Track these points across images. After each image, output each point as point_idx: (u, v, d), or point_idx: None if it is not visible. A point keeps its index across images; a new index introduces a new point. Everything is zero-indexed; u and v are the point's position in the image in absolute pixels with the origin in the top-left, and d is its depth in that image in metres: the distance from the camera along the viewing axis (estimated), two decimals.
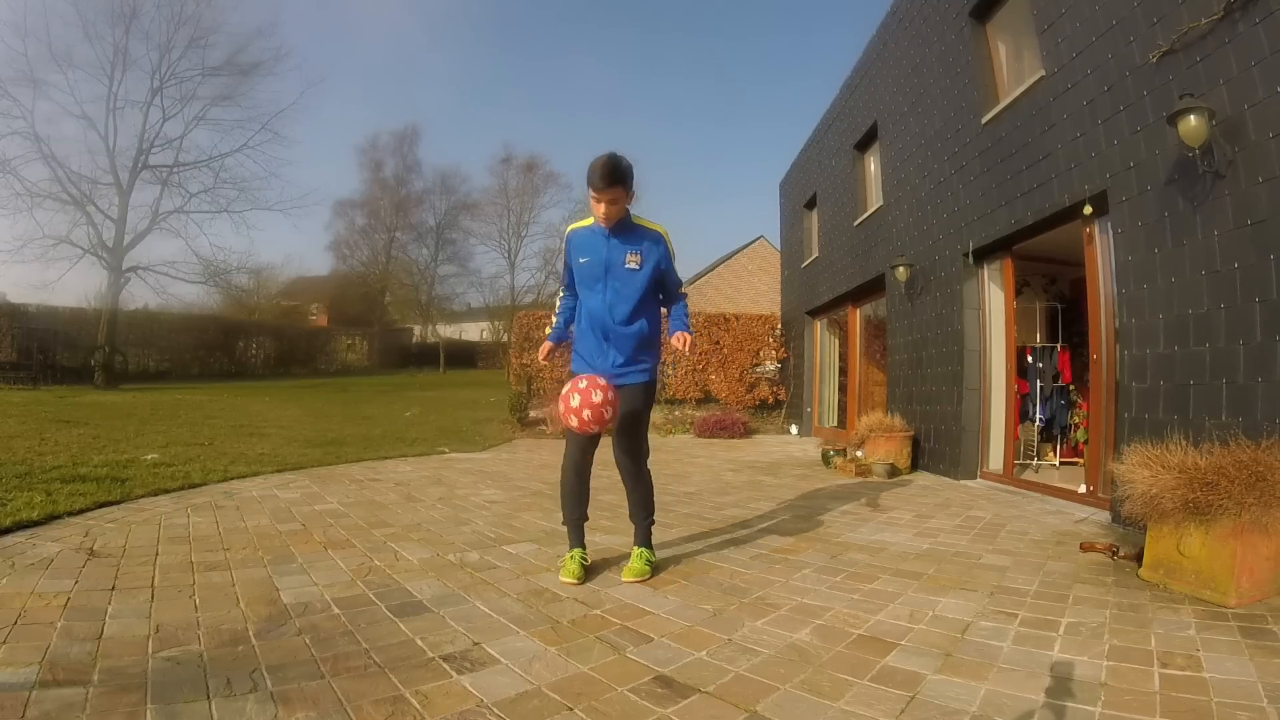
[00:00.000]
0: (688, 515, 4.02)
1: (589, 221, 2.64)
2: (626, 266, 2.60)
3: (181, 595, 2.21)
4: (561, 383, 11.79)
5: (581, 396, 2.40)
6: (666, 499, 4.61)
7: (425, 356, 31.96)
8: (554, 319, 2.84)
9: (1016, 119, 5.21)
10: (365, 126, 78.27)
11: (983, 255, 5.81)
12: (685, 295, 2.89)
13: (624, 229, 2.60)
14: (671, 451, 7.97)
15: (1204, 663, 1.86)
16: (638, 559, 2.70)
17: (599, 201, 2.48)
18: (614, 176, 2.43)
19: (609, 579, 2.66)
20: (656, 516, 2.90)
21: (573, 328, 2.80)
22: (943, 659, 1.90)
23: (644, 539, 2.78)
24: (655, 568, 2.74)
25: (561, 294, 2.85)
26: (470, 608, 2.25)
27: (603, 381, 2.46)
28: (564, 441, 2.79)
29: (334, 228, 40.70)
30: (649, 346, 2.74)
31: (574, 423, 2.42)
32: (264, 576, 2.47)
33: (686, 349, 2.61)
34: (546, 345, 2.76)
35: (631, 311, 2.65)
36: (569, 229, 2.71)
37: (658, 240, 2.68)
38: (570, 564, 2.62)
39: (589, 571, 2.67)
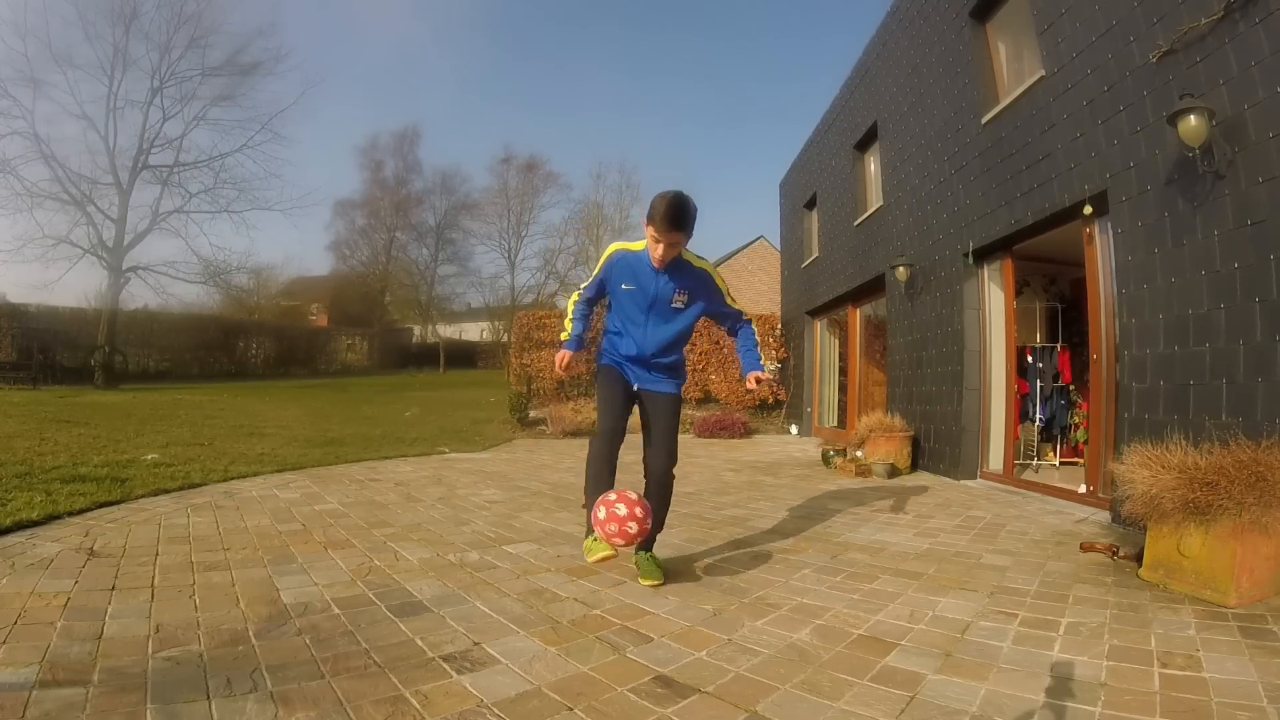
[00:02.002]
0: (688, 515, 4.02)
1: (638, 247, 2.55)
2: (673, 305, 2.57)
3: (181, 595, 2.21)
4: (563, 386, 11.65)
5: (622, 518, 2.23)
6: None
7: (425, 356, 31.95)
8: (568, 324, 2.69)
9: (1016, 119, 5.21)
10: (365, 127, 78.22)
11: (983, 255, 5.81)
12: (750, 320, 2.85)
13: (675, 266, 2.53)
14: None
15: (1204, 663, 1.86)
16: (651, 563, 2.62)
17: (659, 243, 2.39)
18: (680, 222, 2.34)
19: (608, 579, 2.66)
20: None
21: (603, 321, 2.77)
22: (943, 659, 1.90)
23: (650, 544, 2.73)
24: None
25: (577, 299, 2.72)
26: (470, 608, 2.25)
27: (638, 512, 2.27)
28: (563, 442, 2.78)
29: (334, 228, 40.84)
30: (679, 373, 2.78)
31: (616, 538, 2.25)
32: (264, 576, 2.47)
33: (761, 389, 2.59)
34: (565, 354, 2.62)
35: (668, 346, 2.64)
36: (615, 248, 2.60)
37: (706, 280, 2.63)
38: (596, 544, 2.44)
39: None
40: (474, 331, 37.77)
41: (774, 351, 12.78)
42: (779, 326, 12.97)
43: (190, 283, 20.65)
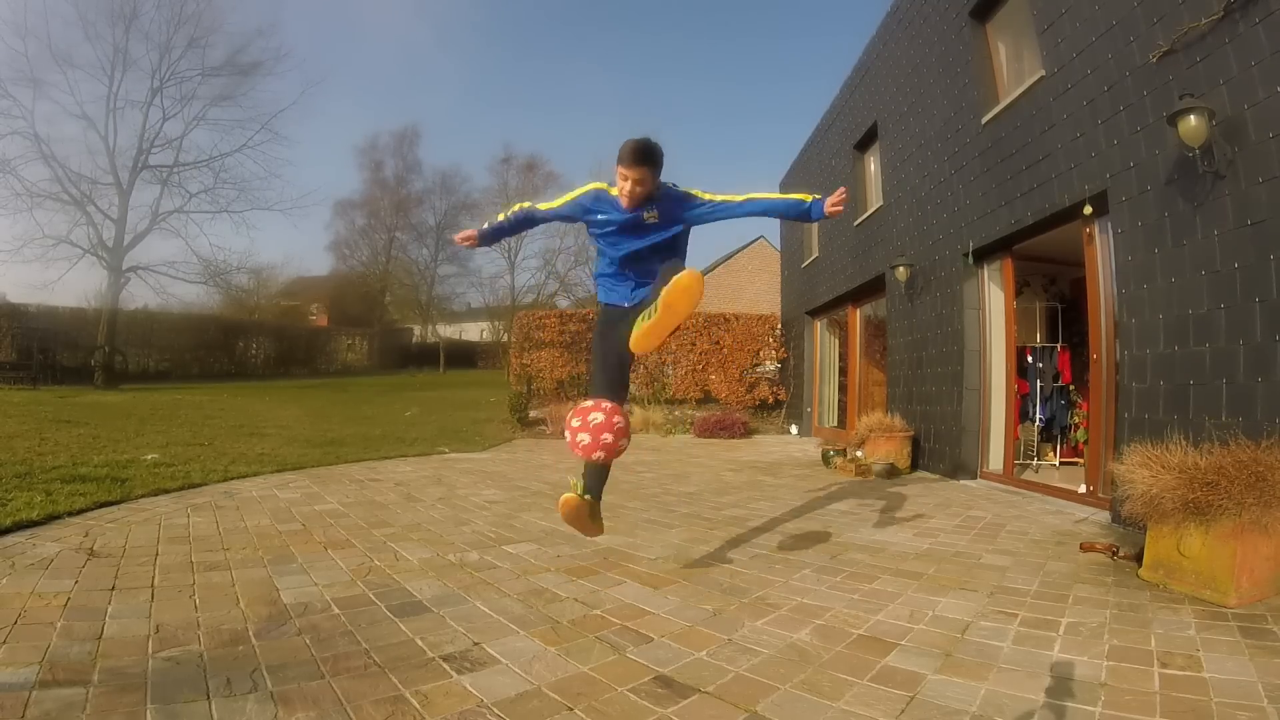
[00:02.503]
0: (688, 515, 4.02)
1: (615, 191, 2.58)
2: (646, 222, 2.57)
3: (181, 595, 2.21)
4: (563, 385, 11.65)
5: (598, 426, 2.38)
6: (667, 499, 4.61)
7: (425, 356, 31.92)
8: (499, 217, 2.65)
9: (1016, 119, 5.21)
10: (365, 126, 78.12)
11: (983, 255, 5.81)
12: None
13: (641, 201, 2.54)
14: (671, 452, 7.97)
15: (1204, 663, 1.86)
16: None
17: (625, 179, 2.45)
18: (643, 157, 2.41)
19: (608, 579, 2.66)
20: (656, 516, 2.88)
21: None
22: (943, 659, 1.90)
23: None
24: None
25: (524, 209, 2.67)
26: (470, 608, 2.25)
27: (618, 421, 2.43)
28: (563, 442, 2.76)
29: (334, 228, 40.74)
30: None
31: (589, 448, 2.39)
32: (264, 576, 2.47)
33: (841, 202, 2.52)
34: (471, 233, 2.62)
35: (651, 250, 2.60)
36: (597, 186, 2.60)
37: (671, 192, 2.57)
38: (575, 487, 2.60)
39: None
40: (474, 331, 37.75)
41: (774, 351, 12.78)
42: (779, 326, 12.96)
43: (190, 283, 20.65)
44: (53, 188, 17.92)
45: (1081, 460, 5.92)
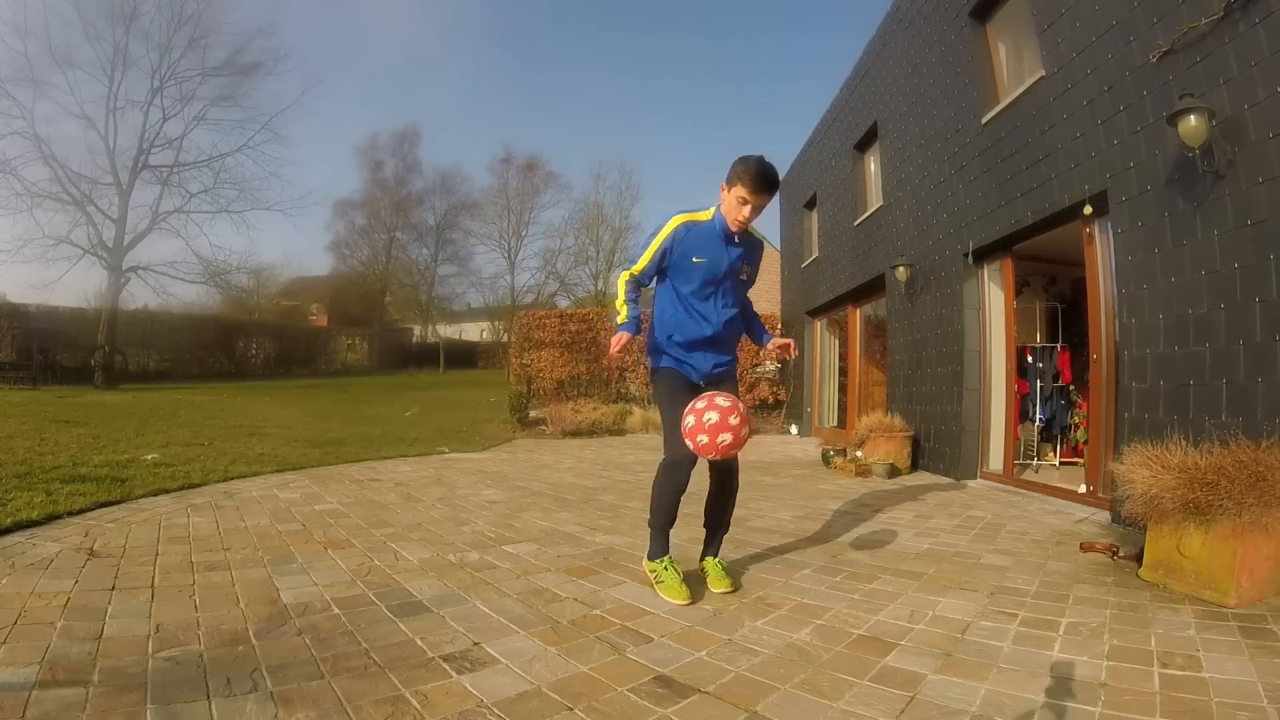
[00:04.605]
0: (687, 515, 3.98)
1: (705, 216, 2.45)
2: (741, 278, 2.55)
3: (181, 595, 2.21)
4: (563, 385, 11.65)
5: (721, 418, 2.17)
6: None
7: (425, 356, 31.95)
8: (623, 306, 2.53)
9: (1016, 119, 5.21)
10: (365, 127, 78.24)
11: (983, 255, 5.81)
12: None
13: (743, 236, 2.49)
14: None
15: (1204, 663, 1.86)
16: (720, 569, 2.64)
17: (747, 204, 2.33)
18: (774, 182, 2.33)
19: (608, 579, 2.66)
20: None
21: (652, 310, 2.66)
22: (943, 659, 1.90)
23: (718, 548, 2.74)
24: None
25: (628, 278, 2.55)
26: (470, 608, 2.25)
27: (740, 408, 2.25)
28: (563, 442, 2.76)
29: (334, 228, 40.80)
30: (735, 353, 2.72)
31: (708, 445, 2.19)
32: (264, 576, 2.47)
33: (792, 352, 2.78)
34: (623, 336, 2.47)
35: (734, 321, 2.61)
36: (682, 219, 2.45)
37: (760, 251, 2.62)
38: (671, 577, 2.45)
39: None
40: (474, 331, 37.78)
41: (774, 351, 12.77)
42: (779, 326, 12.96)
43: (190, 283, 20.72)
44: (53, 188, 17.99)
45: (1081, 460, 5.92)
